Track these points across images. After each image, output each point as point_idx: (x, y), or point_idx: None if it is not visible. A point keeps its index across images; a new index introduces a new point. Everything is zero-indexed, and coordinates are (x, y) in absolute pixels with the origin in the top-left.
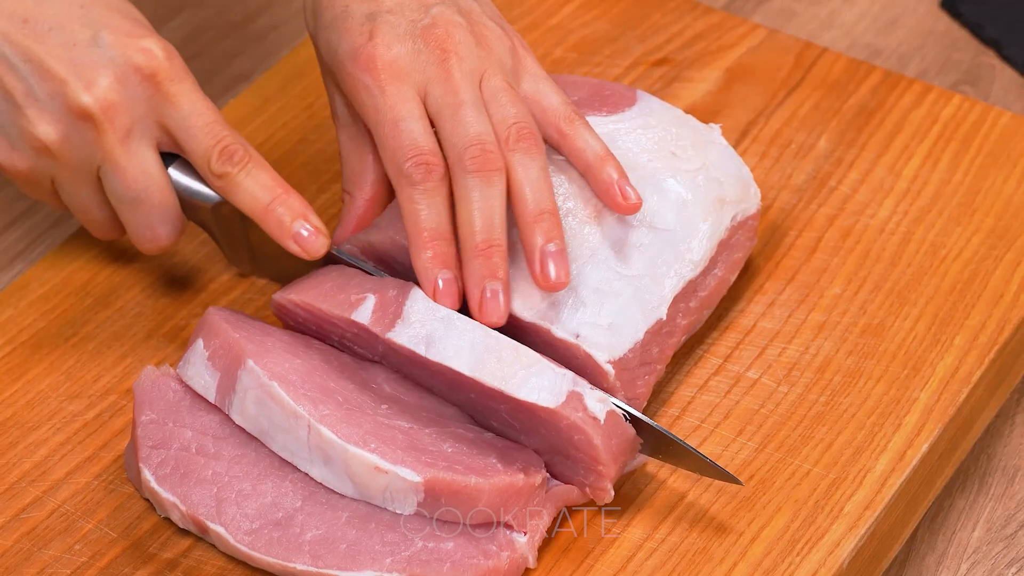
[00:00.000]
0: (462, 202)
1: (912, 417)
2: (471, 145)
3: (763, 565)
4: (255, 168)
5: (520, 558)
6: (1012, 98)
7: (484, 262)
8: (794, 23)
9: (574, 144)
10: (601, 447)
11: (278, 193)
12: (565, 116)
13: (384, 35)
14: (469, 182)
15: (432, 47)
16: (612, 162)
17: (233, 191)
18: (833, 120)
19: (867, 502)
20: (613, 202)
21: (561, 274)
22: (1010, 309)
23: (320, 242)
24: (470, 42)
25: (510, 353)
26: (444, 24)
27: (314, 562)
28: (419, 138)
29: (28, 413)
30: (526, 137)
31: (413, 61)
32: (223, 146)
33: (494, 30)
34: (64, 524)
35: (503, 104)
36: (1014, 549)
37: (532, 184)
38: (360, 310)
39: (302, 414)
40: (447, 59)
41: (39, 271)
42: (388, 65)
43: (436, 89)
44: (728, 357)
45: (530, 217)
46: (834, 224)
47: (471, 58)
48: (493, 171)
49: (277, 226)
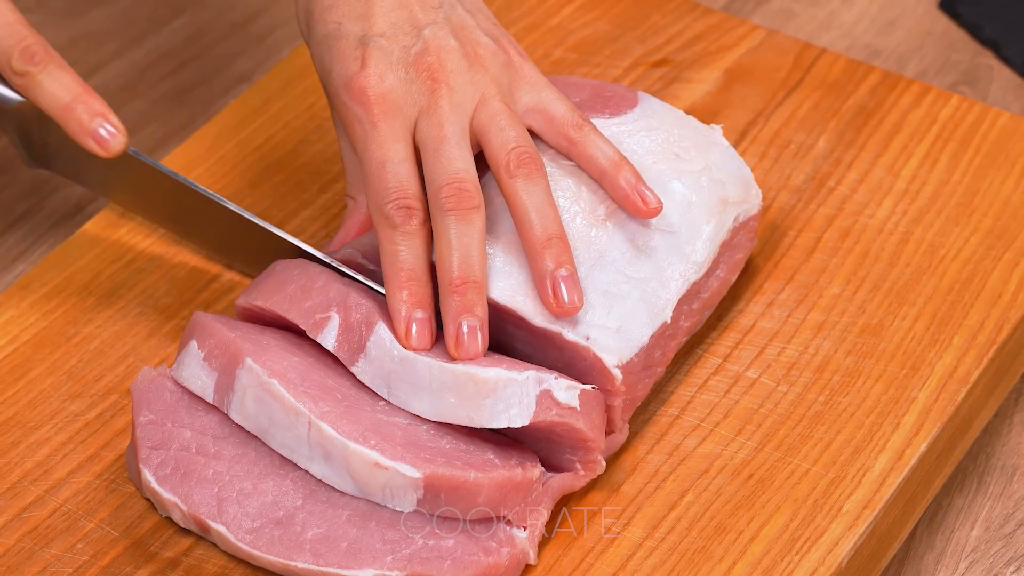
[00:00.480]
0: (440, 240)
1: (911, 416)
2: (448, 184)
3: (762, 564)
4: (56, 69)
5: (520, 554)
6: (1010, 98)
7: (460, 299)
8: (793, 24)
9: (585, 151)
10: (585, 428)
11: (78, 93)
12: (573, 123)
13: (376, 64)
14: (446, 220)
15: (423, 77)
16: (627, 167)
17: (34, 90)
18: (832, 120)
19: (866, 501)
20: (634, 208)
21: (574, 299)
22: (1008, 309)
23: (118, 141)
24: (462, 68)
25: (469, 386)
26: (436, 51)
27: (315, 560)
28: (403, 181)
29: (30, 412)
30: (526, 162)
31: (405, 93)
32: (24, 46)
33: (488, 47)
34: (66, 523)
35: (502, 128)
36: (1012, 548)
37: (538, 210)
38: (325, 332)
39: (302, 411)
40: (437, 90)
41: (41, 271)
42: (380, 99)
43: (423, 122)
44: (727, 356)
45: (538, 244)
46: (833, 224)
47: (463, 86)
48: (470, 209)
49: (77, 125)
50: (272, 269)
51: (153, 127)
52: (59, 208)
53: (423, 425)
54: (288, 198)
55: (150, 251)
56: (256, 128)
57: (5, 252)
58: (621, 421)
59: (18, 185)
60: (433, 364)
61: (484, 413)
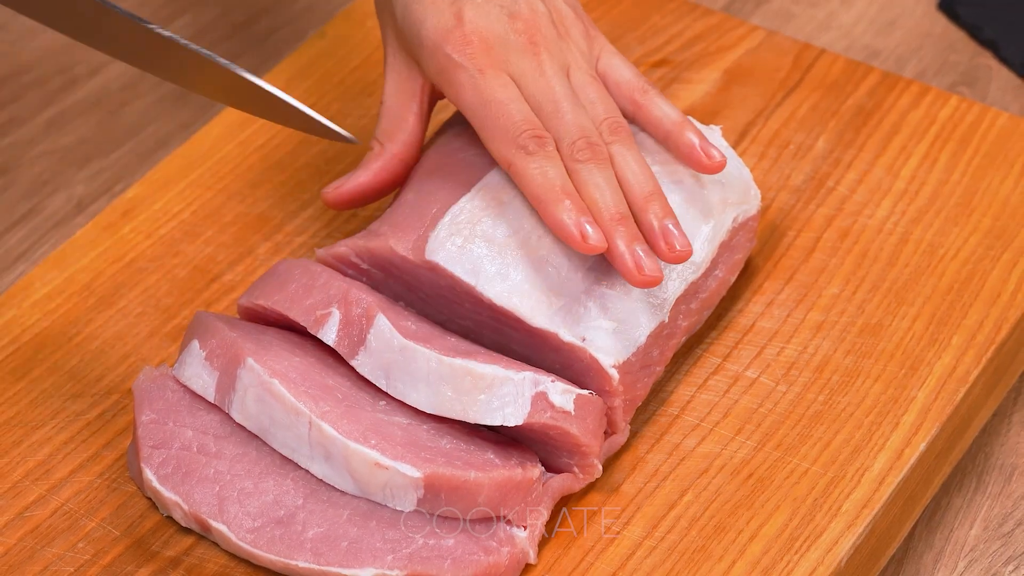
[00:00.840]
0: (584, 185)
1: (910, 416)
2: (578, 139)
3: (762, 563)
4: None
5: (520, 553)
6: (1009, 99)
7: (626, 229)
8: (792, 24)
9: (651, 114)
10: (578, 433)
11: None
12: (639, 87)
13: (476, 19)
14: (587, 168)
15: (522, 39)
16: (690, 127)
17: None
18: (831, 121)
19: (865, 500)
20: (699, 164)
21: (685, 242)
22: (1007, 308)
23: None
24: (554, 36)
25: (466, 379)
26: (530, 15)
27: (316, 559)
28: (528, 114)
29: (31, 412)
30: (617, 130)
31: (506, 49)
32: None
33: (568, 15)
34: (67, 522)
35: (592, 100)
36: (1011, 547)
37: (633, 171)
38: (326, 328)
39: (303, 411)
40: (537, 53)
41: (42, 271)
42: (486, 48)
43: (531, 84)
44: (727, 356)
45: (640, 200)
46: (832, 224)
47: (557, 52)
48: (602, 160)
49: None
50: (275, 269)
51: (154, 127)
52: (60, 208)
53: (423, 425)
54: (289, 199)
55: (151, 251)
56: (258, 128)
57: (7, 252)
58: (622, 422)
59: (20, 185)
60: (432, 356)
61: (479, 408)
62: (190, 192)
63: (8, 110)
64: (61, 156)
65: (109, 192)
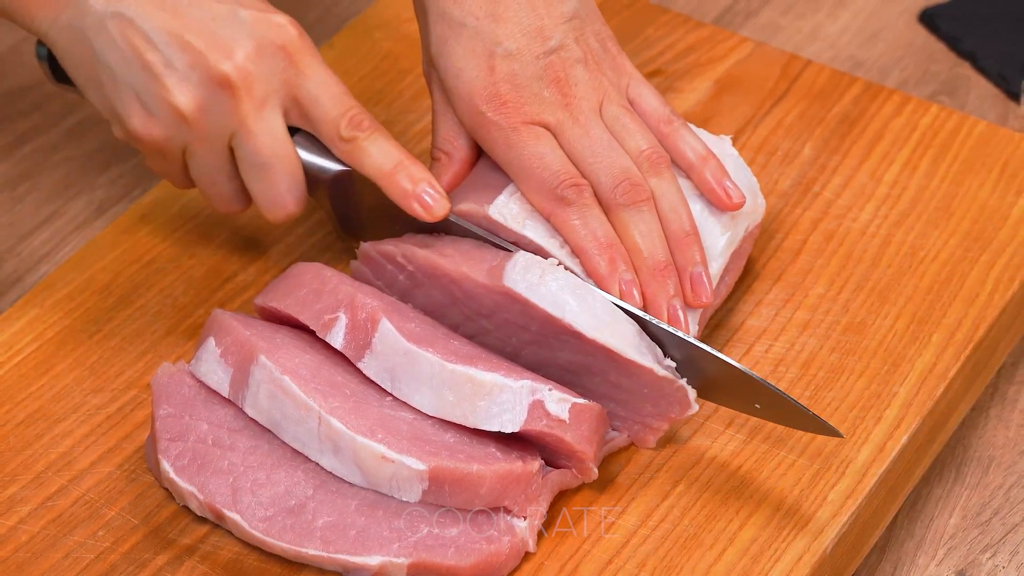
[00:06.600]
0: (627, 231)
1: (892, 411)
2: (620, 182)
3: (751, 551)
4: (380, 136)
5: (520, 542)
6: (987, 108)
7: (661, 283)
8: (780, 36)
9: (676, 144)
10: (572, 440)
11: (401, 159)
12: (665, 118)
13: (510, 75)
14: (625, 213)
15: (556, 92)
16: (713, 161)
17: (359, 156)
18: (817, 128)
19: (849, 491)
20: (718, 201)
21: (709, 295)
22: (985, 308)
23: (441, 205)
24: (586, 78)
25: (466, 386)
26: (563, 62)
27: (325, 547)
28: (565, 164)
29: (54, 406)
30: (657, 163)
31: (540, 104)
32: (352, 114)
33: (598, 51)
34: (88, 511)
35: (631, 132)
36: (988, 535)
37: (674, 208)
38: (333, 332)
39: (313, 406)
40: (570, 104)
41: (64, 271)
42: (516, 107)
43: (567, 132)
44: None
45: (676, 240)
46: (818, 227)
47: (589, 93)
48: (644, 201)
49: (400, 190)
50: (289, 272)
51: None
52: (81, 212)
53: (428, 420)
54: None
55: (168, 252)
56: None
57: (30, 254)
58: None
59: (43, 190)
60: (435, 361)
61: (478, 414)
62: None
63: (31, 118)
64: (82, 162)
65: (128, 196)
